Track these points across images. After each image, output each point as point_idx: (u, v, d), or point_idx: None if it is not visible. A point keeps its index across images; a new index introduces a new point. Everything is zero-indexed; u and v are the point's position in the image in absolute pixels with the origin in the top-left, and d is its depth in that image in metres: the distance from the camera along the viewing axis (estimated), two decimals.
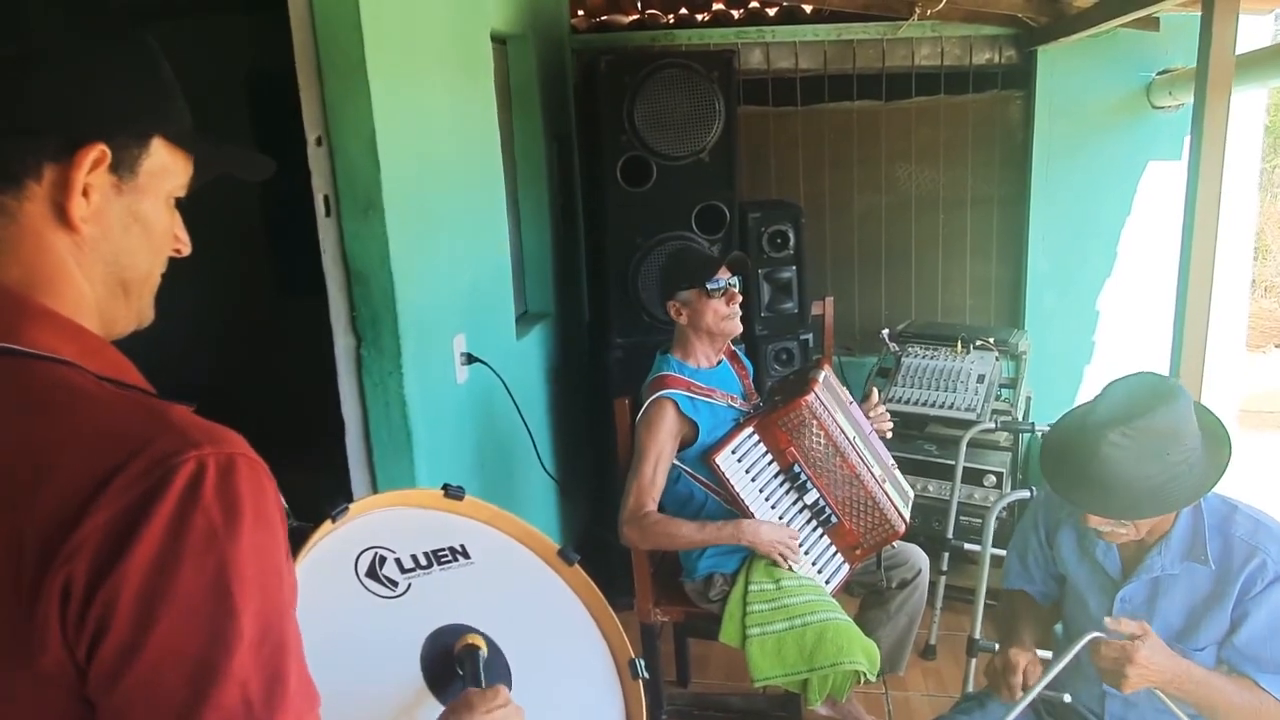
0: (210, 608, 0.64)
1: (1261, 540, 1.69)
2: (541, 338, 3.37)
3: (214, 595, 0.64)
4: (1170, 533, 1.75)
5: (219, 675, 0.64)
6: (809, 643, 2.35)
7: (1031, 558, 2.04)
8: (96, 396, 0.68)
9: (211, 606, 0.64)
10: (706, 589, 2.57)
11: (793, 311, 3.53)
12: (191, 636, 0.64)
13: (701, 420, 2.49)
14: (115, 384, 0.70)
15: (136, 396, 0.70)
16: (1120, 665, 1.59)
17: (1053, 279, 4.00)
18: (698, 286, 2.51)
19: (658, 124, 3.18)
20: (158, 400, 0.70)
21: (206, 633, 0.64)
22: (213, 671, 0.64)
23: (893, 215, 4.14)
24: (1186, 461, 1.64)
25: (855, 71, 3.99)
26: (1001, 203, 4.09)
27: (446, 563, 1.31)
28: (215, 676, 0.64)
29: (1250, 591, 1.67)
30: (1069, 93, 3.86)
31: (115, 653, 0.62)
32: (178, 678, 0.63)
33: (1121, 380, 1.74)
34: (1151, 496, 1.63)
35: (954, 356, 3.49)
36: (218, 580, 0.64)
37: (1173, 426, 1.64)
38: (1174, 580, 1.76)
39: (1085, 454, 1.66)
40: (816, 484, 2.48)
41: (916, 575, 2.68)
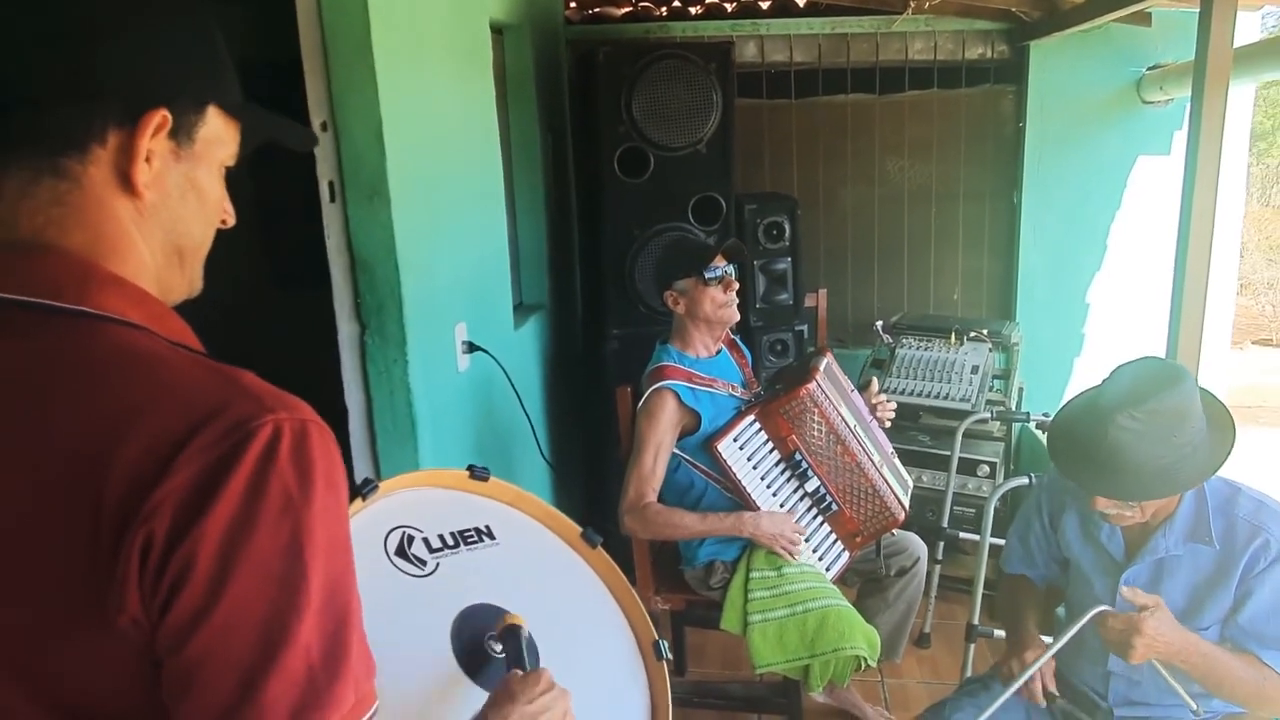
0: (283, 571, 0.64)
1: (1265, 520, 1.72)
2: (537, 329, 3.36)
3: (288, 559, 0.65)
4: (1174, 514, 1.78)
5: (287, 639, 0.64)
6: (810, 629, 2.36)
7: (1034, 541, 2.06)
8: (170, 360, 0.68)
9: (285, 570, 0.64)
10: (707, 577, 2.58)
11: (788, 303, 3.55)
12: (263, 598, 0.64)
13: (703, 410, 2.49)
14: (185, 349, 0.70)
15: (208, 361, 0.71)
16: (1128, 637, 1.62)
17: (1044, 272, 4.04)
18: (695, 275, 2.52)
19: (656, 115, 3.18)
20: (227, 365, 0.70)
21: (278, 596, 0.64)
22: (281, 635, 0.64)
23: (886, 208, 4.17)
24: (1192, 444, 1.67)
25: (849, 65, 4.02)
26: (993, 196, 4.13)
27: (473, 543, 1.31)
28: (283, 640, 0.64)
29: (1254, 570, 1.70)
30: (1061, 87, 3.90)
31: (189, 610, 0.62)
32: (247, 639, 0.63)
33: (1129, 364, 1.77)
34: (1159, 478, 1.66)
35: (948, 348, 3.52)
36: (292, 544, 0.65)
37: (1179, 409, 1.67)
38: (1178, 561, 1.78)
39: (1094, 437, 1.68)
40: (817, 472, 2.50)
41: (915, 563, 2.70)
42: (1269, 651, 1.70)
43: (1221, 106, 2.56)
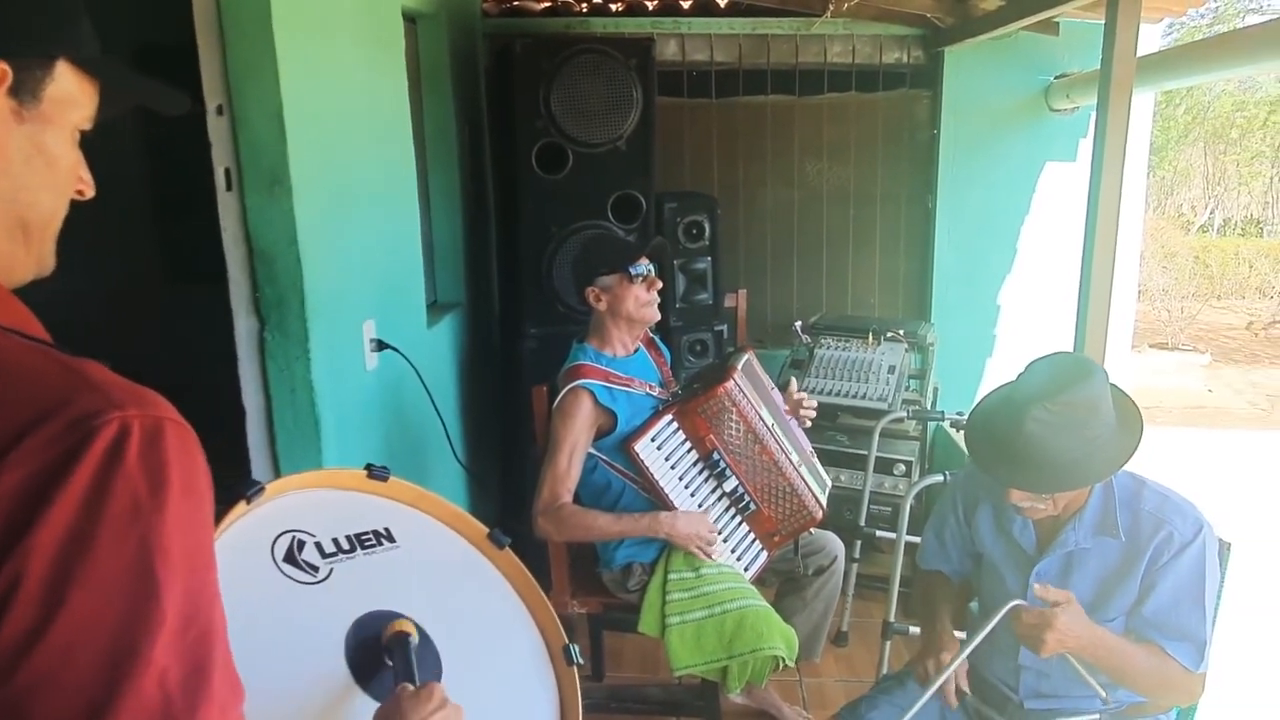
0: (130, 587, 0.57)
1: (1168, 513, 1.75)
2: (452, 327, 3.27)
3: (135, 574, 0.57)
4: (1084, 508, 1.81)
5: (136, 663, 0.56)
6: (729, 630, 2.34)
7: (949, 537, 2.08)
8: (3, 349, 0.60)
9: (132, 586, 0.57)
10: (625, 579, 2.53)
11: (708, 303, 3.54)
12: (108, 617, 0.56)
13: (620, 410, 2.45)
14: (21, 336, 0.62)
15: (50, 350, 0.62)
16: (1040, 631, 1.64)
17: (957, 274, 4.13)
18: (620, 271, 2.47)
19: (574, 110, 3.13)
20: (73, 356, 0.61)
21: (125, 615, 0.57)
22: (130, 659, 0.56)
23: (805, 209, 4.19)
24: (1103, 437, 1.70)
25: (769, 66, 4.03)
26: (909, 199, 4.19)
27: (370, 547, 1.23)
28: (132, 664, 0.56)
29: (1158, 562, 1.73)
30: (973, 94, 3.99)
31: (20, 631, 0.54)
32: (89, 665, 0.55)
33: (1043, 359, 1.79)
34: (1072, 470, 1.68)
35: (865, 348, 3.55)
36: (140, 557, 0.57)
37: (1091, 402, 1.69)
38: (1086, 554, 1.81)
39: (1010, 430, 1.70)
40: (735, 471, 2.48)
41: (833, 562, 2.70)
42: (1171, 642, 1.73)
43: (1125, 114, 2.64)
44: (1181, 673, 1.73)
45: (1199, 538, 1.73)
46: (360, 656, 1.11)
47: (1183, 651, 1.72)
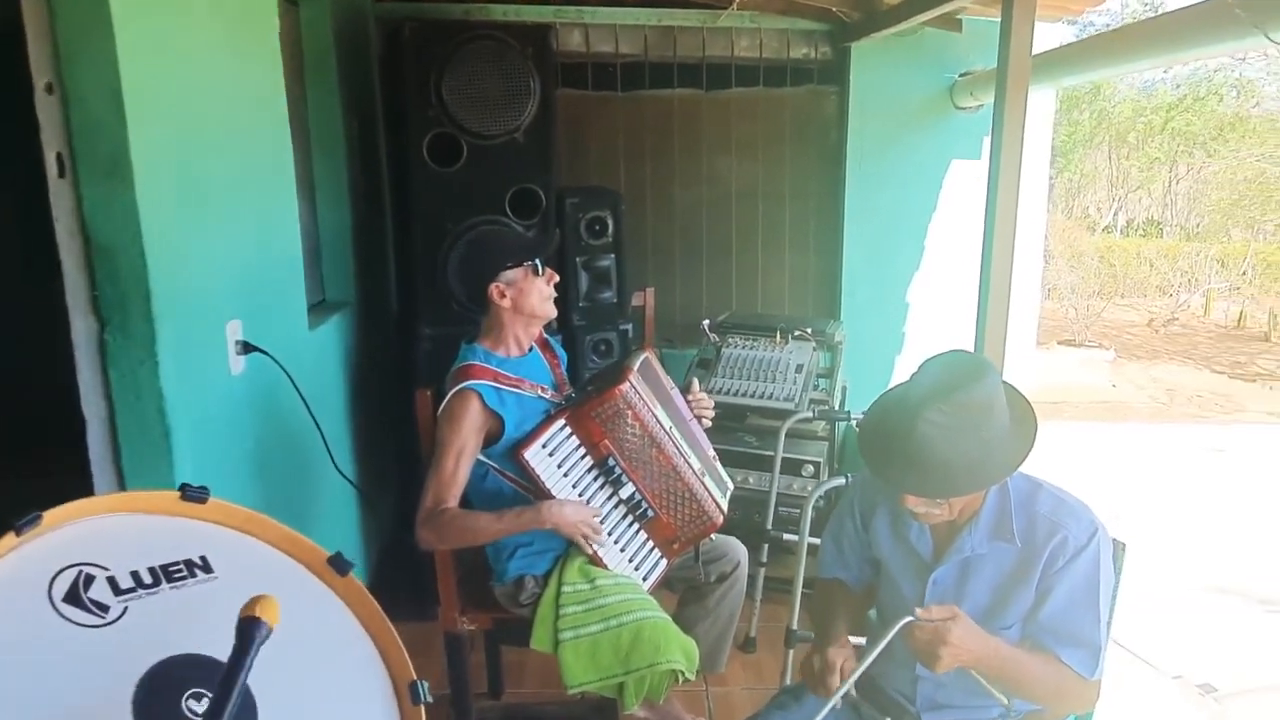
0: None
1: (1063, 517, 1.71)
2: (340, 328, 3.09)
3: None
4: (979, 512, 1.75)
5: None
6: (625, 644, 2.23)
7: (847, 543, 2.01)
8: None
9: None
10: (517, 592, 2.40)
11: (612, 301, 3.42)
12: None
13: (508, 413, 2.32)
14: None
15: None
16: (934, 647, 1.57)
17: (866, 272, 4.10)
18: (526, 265, 2.35)
19: (468, 99, 2.98)
20: None
21: None
22: None
23: (714, 207, 4.12)
24: (998, 438, 1.64)
25: (676, 60, 3.94)
26: (818, 196, 4.15)
27: (180, 579, 1.08)
28: None
29: (1053, 567, 1.68)
30: (880, 90, 3.96)
31: None
32: None
33: (936, 358, 1.72)
34: (967, 473, 1.62)
35: (773, 347, 3.49)
36: None
37: (985, 402, 1.63)
38: (983, 560, 1.76)
39: (903, 432, 1.63)
40: (632, 477, 2.37)
41: (735, 569, 2.61)
42: (1066, 649, 1.68)
43: (1022, 111, 2.63)
44: (1076, 681, 1.68)
45: (1093, 542, 1.69)
46: (154, 712, 0.96)
47: (1078, 659, 1.67)
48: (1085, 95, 19.12)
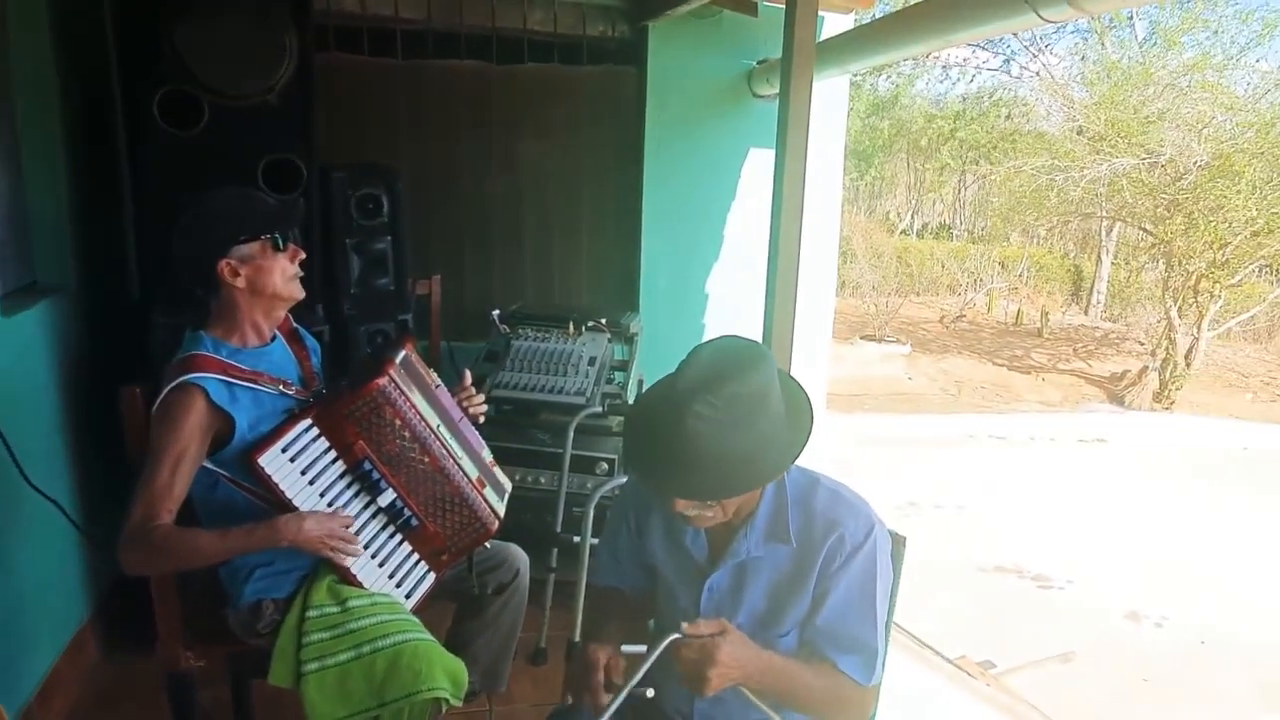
0: None
1: (840, 513, 1.60)
2: (51, 316, 2.62)
3: None
4: (755, 512, 1.62)
5: None
6: (379, 672, 1.96)
7: (623, 549, 1.85)
8: None
9: None
10: (254, 620, 2.08)
11: (389, 289, 3.11)
12: None
13: (241, 412, 1.98)
14: None
15: None
16: (701, 668, 1.43)
17: (665, 261, 3.98)
18: (265, 238, 2.02)
19: (207, 52, 2.60)
20: None
21: None
22: None
23: (507, 189, 3.88)
24: (773, 431, 1.50)
25: (464, 29, 3.66)
26: (617, 182, 3.99)
27: None
28: None
29: (830, 567, 1.58)
30: (679, 74, 3.85)
31: None
32: None
33: (705, 345, 1.57)
34: (743, 470, 1.47)
35: (566, 339, 3.30)
36: None
37: (759, 392, 1.49)
38: (759, 563, 1.64)
39: (668, 430, 1.46)
40: (392, 482, 2.09)
41: (515, 577, 2.40)
42: (844, 656, 1.58)
43: (807, 98, 2.58)
44: (854, 689, 1.59)
45: (870, 539, 1.59)
46: None
47: (853, 665, 1.58)
48: (885, 103, 20.28)
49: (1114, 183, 13.43)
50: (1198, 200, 12.63)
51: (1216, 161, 12.33)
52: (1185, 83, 13.17)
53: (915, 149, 22.09)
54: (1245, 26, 14.08)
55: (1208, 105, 12.60)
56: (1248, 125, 12.30)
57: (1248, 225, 12.40)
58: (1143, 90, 13.34)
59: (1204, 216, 12.66)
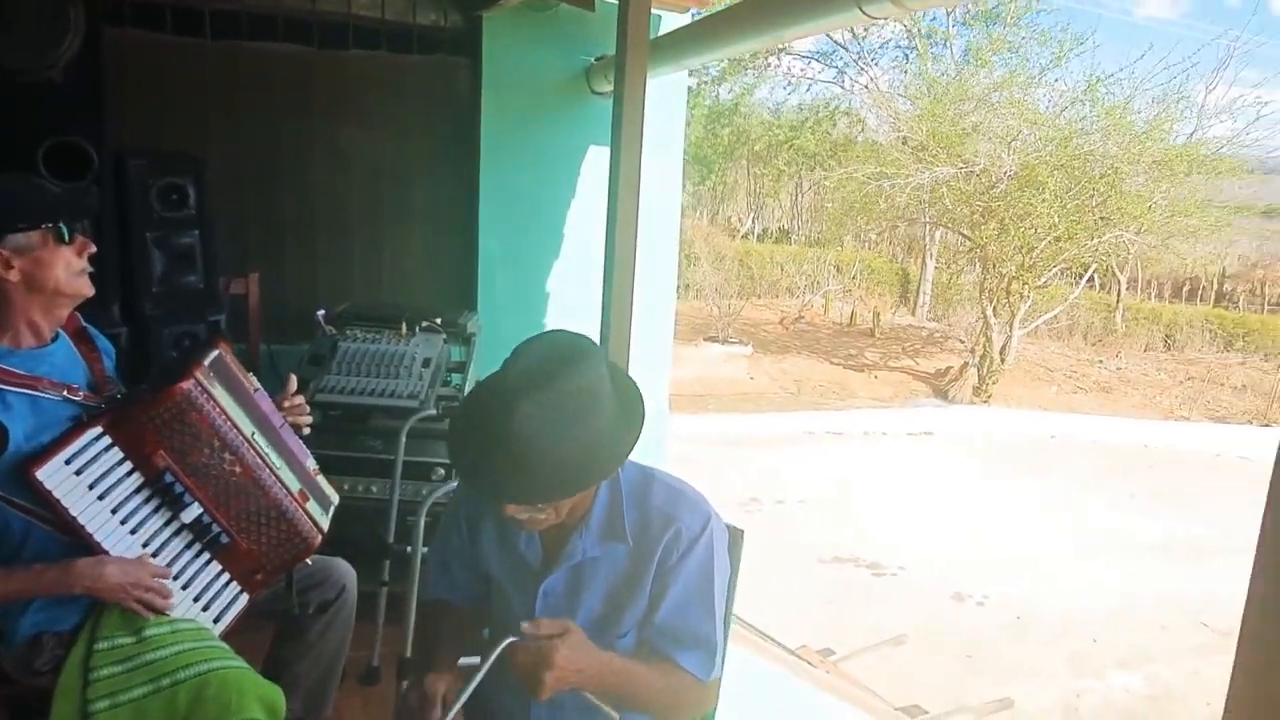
0: None
1: (677, 509, 1.57)
2: None
3: None
4: (590, 511, 1.57)
5: None
6: (182, 706, 1.77)
7: (454, 558, 1.75)
8: None
9: None
10: (32, 657, 1.84)
11: (198, 287, 2.87)
12: None
13: (15, 420, 1.75)
14: None
15: None
16: (537, 670, 1.37)
17: (503, 259, 3.87)
18: (46, 228, 1.79)
19: None
20: None
21: None
22: None
23: (333, 182, 3.67)
24: (605, 427, 1.45)
25: (281, 12, 3.43)
26: (453, 177, 3.86)
27: None
28: None
29: (667, 563, 1.55)
30: (515, 67, 3.76)
31: None
32: None
33: (531, 341, 1.50)
34: (575, 470, 1.41)
35: (398, 340, 3.14)
36: None
37: (589, 387, 1.43)
38: (595, 564, 1.59)
39: (496, 431, 1.38)
40: (198, 496, 1.91)
41: (340, 594, 2.25)
42: (683, 653, 1.55)
43: (640, 95, 2.57)
44: (694, 685, 1.56)
45: (706, 531, 1.57)
46: None
47: (694, 661, 1.55)
48: (726, 111, 20.82)
49: (935, 190, 14.29)
50: (1008, 208, 13.62)
51: (1023, 172, 13.33)
52: (996, 99, 14.18)
53: (754, 156, 22.79)
54: (1044, 49, 15.34)
55: (1015, 120, 13.61)
56: (1049, 139, 13.36)
57: (1051, 231, 13.47)
58: (959, 105, 14.27)
59: (1014, 223, 13.65)
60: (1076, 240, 13.72)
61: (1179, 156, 13.24)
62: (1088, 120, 13.53)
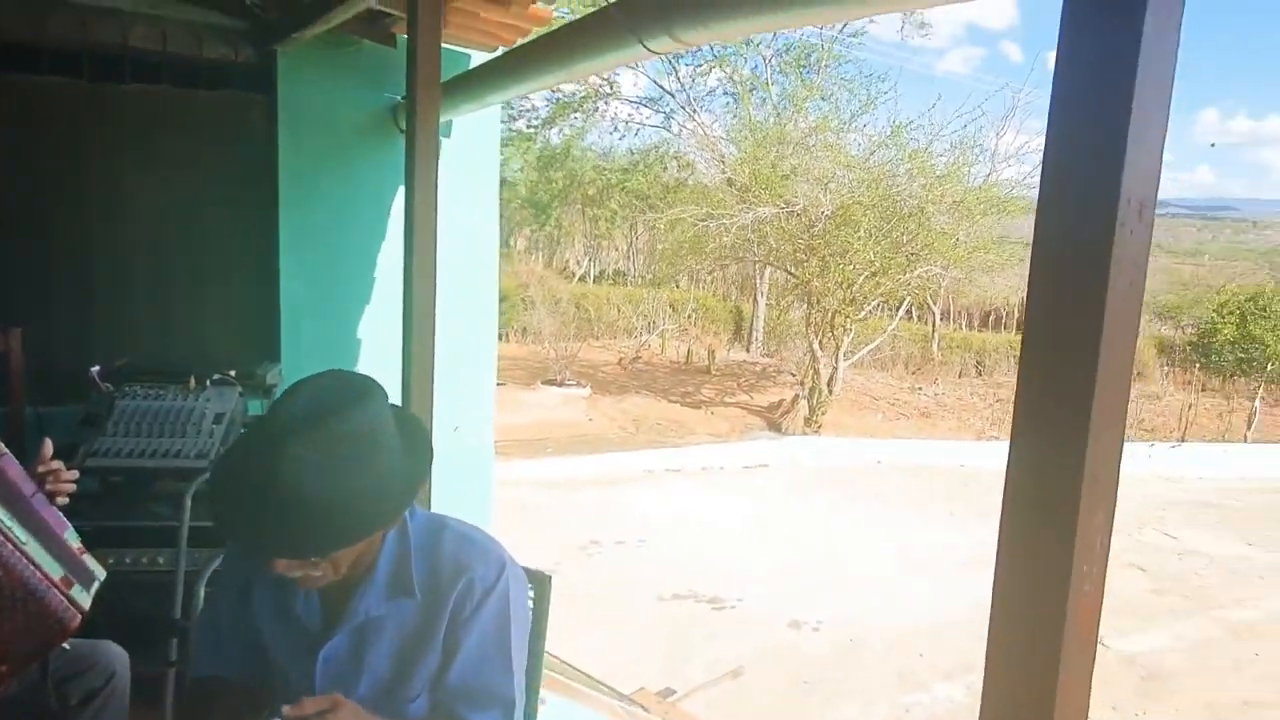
0: None
1: (469, 557, 1.47)
2: None
3: None
4: (375, 566, 1.44)
5: None
6: None
7: (226, 630, 1.58)
8: None
9: None
10: None
11: None
12: None
13: None
14: None
15: None
16: None
17: (309, 306, 3.65)
18: None
19: None
20: None
21: None
22: None
23: (112, 228, 3.37)
24: (389, 470, 1.34)
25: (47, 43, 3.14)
26: (250, 220, 3.62)
27: None
28: None
29: (460, 616, 1.45)
30: (315, 105, 3.59)
31: None
32: None
33: (304, 382, 1.38)
34: (353, 518, 1.30)
35: (185, 395, 2.89)
36: None
37: (369, 428, 1.33)
38: (381, 622, 1.46)
39: (263, 479, 1.26)
40: None
41: (110, 681, 2.02)
42: (480, 714, 1.45)
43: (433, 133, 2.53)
44: None
45: (502, 579, 1.48)
46: None
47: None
48: (557, 155, 20.99)
49: (760, 229, 14.87)
50: (828, 245, 14.34)
51: (840, 211, 14.09)
52: (812, 142, 14.97)
53: (588, 199, 23.05)
54: (853, 97, 16.38)
55: (830, 163, 14.41)
56: (862, 180, 14.21)
57: (868, 267, 14.26)
58: (779, 148, 14.97)
59: (834, 260, 14.38)
60: (891, 275, 14.58)
61: (976, 197, 14.36)
62: (894, 163, 14.49)
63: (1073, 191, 0.84)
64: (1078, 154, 0.84)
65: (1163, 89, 0.81)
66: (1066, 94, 0.87)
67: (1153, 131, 0.81)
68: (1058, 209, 0.86)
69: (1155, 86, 0.80)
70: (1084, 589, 0.90)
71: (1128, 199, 0.81)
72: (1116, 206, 0.81)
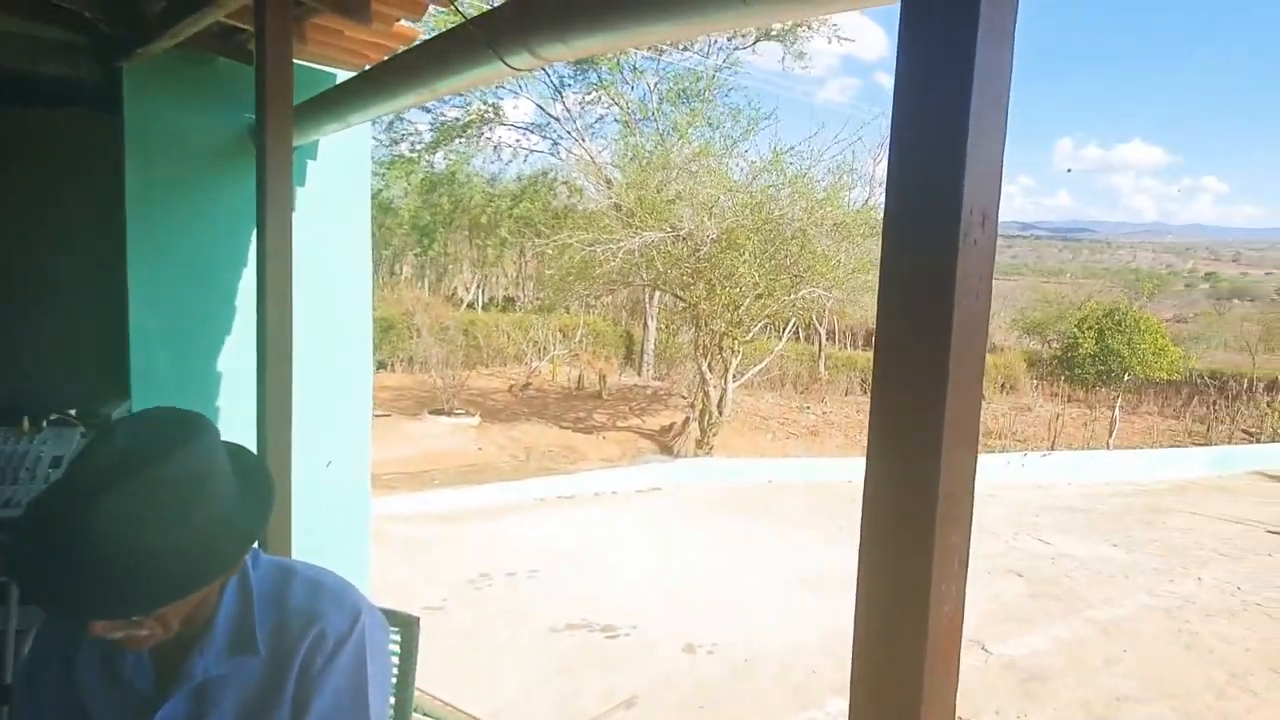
0: None
1: (320, 606, 1.37)
2: None
3: None
4: (213, 620, 1.32)
5: None
6: None
7: (45, 700, 1.42)
8: None
9: None
10: None
11: None
12: None
13: None
14: None
15: None
16: None
17: (163, 336, 3.41)
18: None
19: None
20: None
21: None
22: None
23: None
24: (221, 516, 1.23)
25: None
26: (97, 246, 3.37)
27: None
28: None
29: (310, 670, 1.34)
30: (167, 124, 3.38)
31: None
32: None
33: (121, 422, 1.26)
34: (179, 571, 1.19)
35: (19, 438, 2.66)
36: None
37: (196, 472, 1.21)
38: (223, 683, 1.34)
39: (68, 533, 1.14)
40: None
41: None
42: None
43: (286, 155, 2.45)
44: None
45: (357, 628, 1.37)
46: None
47: None
48: (443, 180, 20.69)
49: (647, 254, 14.97)
50: (714, 269, 14.54)
51: (724, 235, 14.32)
52: (695, 168, 15.21)
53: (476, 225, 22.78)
54: (736, 124, 16.76)
55: (713, 187, 14.65)
56: (745, 205, 14.49)
57: (754, 289, 14.52)
58: (664, 173, 15.15)
59: (720, 283, 14.59)
60: (775, 297, 14.88)
61: (855, 220, 14.85)
62: (776, 187, 14.85)
63: (915, 203, 0.83)
64: (919, 165, 0.83)
65: (999, 98, 0.81)
66: (906, 109, 0.86)
67: (992, 141, 0.81)
68: (902, 222, 0.85)
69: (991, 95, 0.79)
70: (944, 609, 0.88)
71: (970, 208, 0.80)
72: (959, 217, 0.80)
